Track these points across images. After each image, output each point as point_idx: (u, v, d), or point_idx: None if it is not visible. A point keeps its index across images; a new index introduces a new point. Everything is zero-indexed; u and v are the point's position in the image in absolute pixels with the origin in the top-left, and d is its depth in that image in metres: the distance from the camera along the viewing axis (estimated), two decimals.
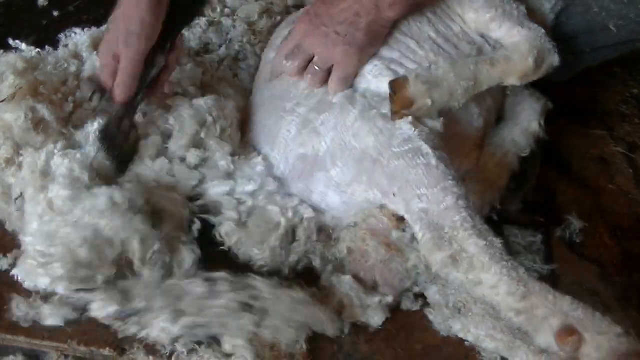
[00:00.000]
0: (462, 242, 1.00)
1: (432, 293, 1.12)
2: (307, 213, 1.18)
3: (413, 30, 1.25)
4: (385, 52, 1.23)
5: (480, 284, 0.99)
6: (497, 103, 1.34)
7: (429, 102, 1.13)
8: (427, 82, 1.13)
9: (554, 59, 1.22)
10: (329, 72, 1.21)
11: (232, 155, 1.21)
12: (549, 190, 1.36)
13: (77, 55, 1.43)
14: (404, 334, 1.10)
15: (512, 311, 0.97)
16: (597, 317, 0.93)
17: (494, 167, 1.27)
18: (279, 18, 1.58)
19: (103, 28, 1.54)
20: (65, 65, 1.35)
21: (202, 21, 1.60)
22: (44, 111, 1.20)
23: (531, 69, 1.20)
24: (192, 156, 1.19)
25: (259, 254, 1.14)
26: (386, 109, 1.14)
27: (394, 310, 1.12)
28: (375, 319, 1.09)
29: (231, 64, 1.52)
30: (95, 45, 1.44)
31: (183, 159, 1.20)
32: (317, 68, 1.21)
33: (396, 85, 1.14)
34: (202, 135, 1.21)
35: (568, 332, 0.91)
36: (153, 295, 1.04)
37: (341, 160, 1.14)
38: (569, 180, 1.41)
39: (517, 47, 1.21)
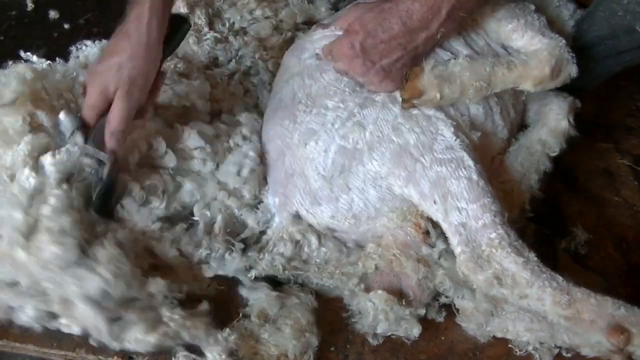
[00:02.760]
0: (500, 260, 1.04)
1: (462, 301, 1.11)
2: None
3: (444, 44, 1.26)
4: None
5: (525, 297, 1.03)
6: (519, 115, 1.35)
7: (438, 95, 1.15)
8: (439, 76, 1.15)
9: (572, 70, 1.23)
10: None
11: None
12: (554, 202, 1.36)
13: (87, 67, 1.43)
14: (409, 344, 1.10)
15: (560, 317, 1.02)
16: (638, 312, 1.01)
17: (518, 167, 1.27)
18: (289, 34, 1.60)
19: None
20: (74, 74, 1.35)
21: (210, 36, 1.60)
22: (42, 118, 1.19)
23: (547, 77, 1.21)
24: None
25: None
26: (429, 110, 1.16)
27: None
28: (414, 330, 1.10)
29: (242, 79, 1.53)
30: None
31: None
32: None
33: (410, 74, 1.16)
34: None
35: (617, 330, 0.99)
36: None
37: (378, 152, 1.14)
38: (575, 193, 1.41)
39: (535, 54, 1.22)
